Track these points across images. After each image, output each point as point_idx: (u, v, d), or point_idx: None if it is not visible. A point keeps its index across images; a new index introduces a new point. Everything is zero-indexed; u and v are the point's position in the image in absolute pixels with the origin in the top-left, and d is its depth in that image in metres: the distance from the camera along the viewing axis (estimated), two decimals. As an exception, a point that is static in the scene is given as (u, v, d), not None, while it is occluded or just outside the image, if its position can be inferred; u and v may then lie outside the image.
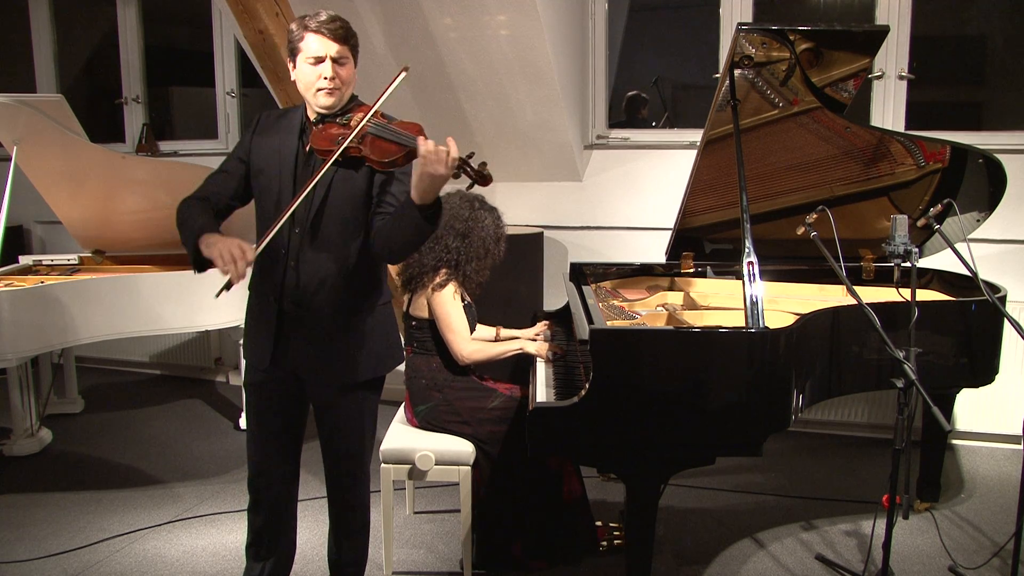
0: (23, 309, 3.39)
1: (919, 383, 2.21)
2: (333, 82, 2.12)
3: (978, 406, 3.90)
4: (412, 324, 2.91)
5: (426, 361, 2.88)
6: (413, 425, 2.92)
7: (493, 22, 3.73)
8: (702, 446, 2.31)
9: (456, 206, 2.90)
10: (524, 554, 2.83)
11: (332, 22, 2.10)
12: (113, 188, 3.87)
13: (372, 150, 2.08)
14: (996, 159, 3.08)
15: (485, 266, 2.92)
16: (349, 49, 2.14)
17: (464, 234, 2.86)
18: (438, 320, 2.82)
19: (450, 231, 2.85)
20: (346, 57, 2.14)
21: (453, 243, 2.85)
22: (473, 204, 2.93)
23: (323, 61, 2.11)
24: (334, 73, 2.11)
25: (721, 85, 2.80)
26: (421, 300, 2.86)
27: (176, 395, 4.97)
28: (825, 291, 3.32)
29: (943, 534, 3.06)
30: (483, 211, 2.94)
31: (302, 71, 2.14)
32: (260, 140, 2.26)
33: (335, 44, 2.10)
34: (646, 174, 4.41)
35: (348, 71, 2.15)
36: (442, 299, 2.80)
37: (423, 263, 2.84)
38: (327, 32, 2.09)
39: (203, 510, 3.40)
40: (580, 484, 2.88)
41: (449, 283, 2.82)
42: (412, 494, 3.36)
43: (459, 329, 2.81)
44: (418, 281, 2.86)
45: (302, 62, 2.13)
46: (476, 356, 2.82)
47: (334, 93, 2.14)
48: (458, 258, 2.84)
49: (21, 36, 5.76)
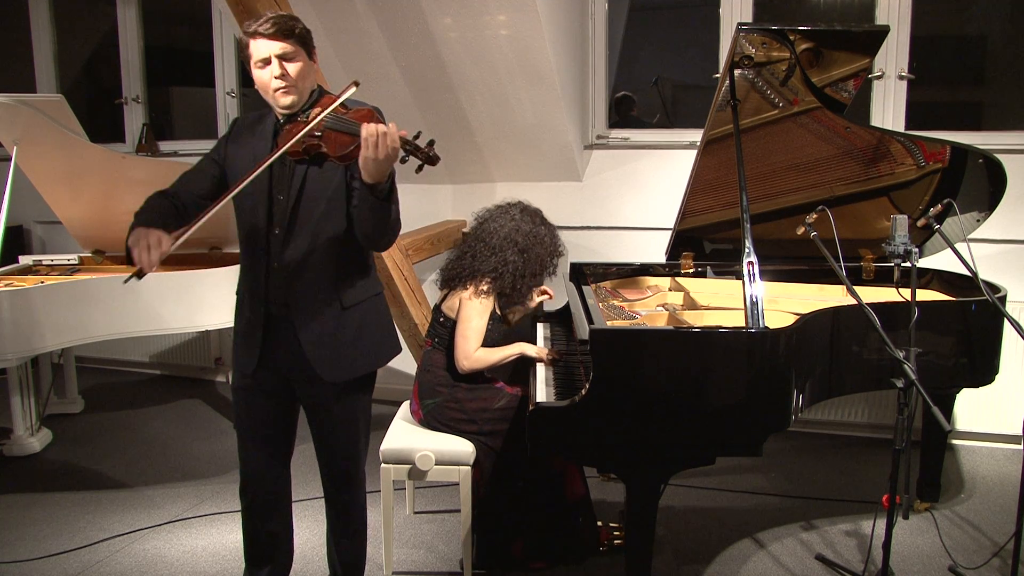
0: (23, 309, 3.39)
1: (919, 383, 2.21)
2: (285, 80, 2.10)
3: (978, 406, 3.90)
4: (440, 319, 2.91)
5: (443, 358, 2.89)
6: (417, 418, 2.92)
7: (493, 22, 3.73)
8: (702, 446, 2.31)
9: (518, 219, 2.90)
10: (524, 554, 2.83)
11: (267, 22, 2.09)
12: (113, 188, 3.87)
13: (329, 144, 2.06)
14: (996, 159, 3.08)
15: (538, 282, 2.93)
16: (295, 42, 2.11)
17: (524, 250, 2.86)
18: (459, 322, 2.83)
19: (510, 244, 2.85)
20: (293, 51, 2.11)
21: (512, 257, 2.84)
22: (535, 220, 2.94)
23: (270, 62, 2.10)
24: (283, 71, 2.10)
25: (721, 85, 2.80)
26: (455, 299, 2.86)
27: (176, 395, 4.97)
28: (825, 291, 3.32)
29: (943, 534, 3.06)
30: (543, 227, 2.95)
31: (256, 76, 2.14)
32: (235, 147, 2.26)
33: (277, 42, 2.09)
34: (646, 174, 4.40)
35: (300, 67, 2.13)
36: (474, 306, 2.81)
37: (475, 267, 2.84)
38: (265, 33, 2.08)
39: (203, 510, 3.40)
40: (584, 485, 2.88)
41: (490, 296, 2.83)
42: (412, 494, 3.36)
43: (473, 339, 2.81)
44: (463, 281, 2.85)
45: (254, 68, 2.13)
46: (476, 367, 2.83)
47: (290, 91, 2.12)
48: (515, 272, 2.83)
49: (21, 36, 5.76)
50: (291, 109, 2.15)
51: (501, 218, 2.92)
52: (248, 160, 2.19)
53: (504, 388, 2.89)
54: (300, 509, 3.32)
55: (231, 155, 2.25)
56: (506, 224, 2.90)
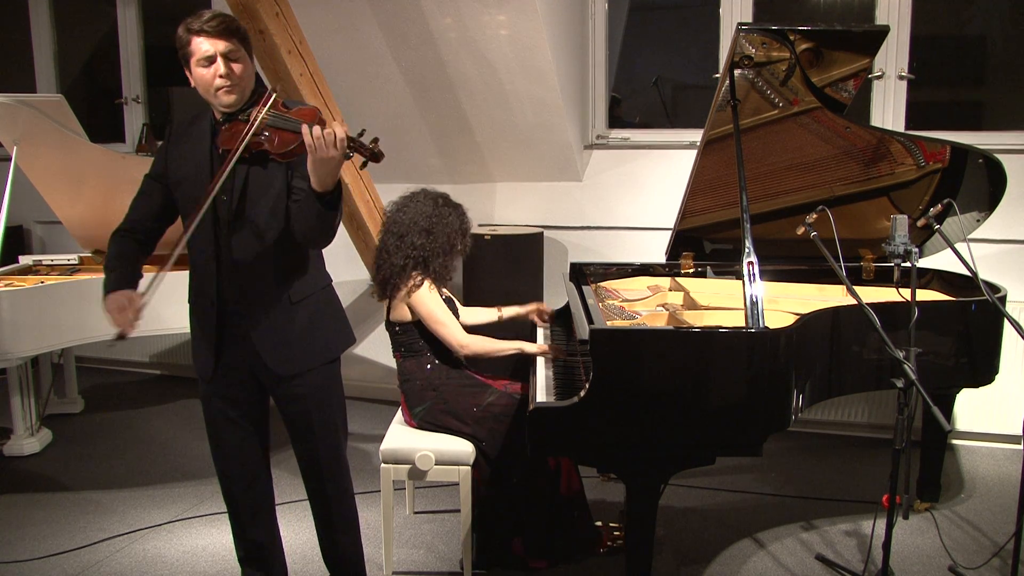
0: (23, 309, 3.39)
1: (919, 383, 2.21)
2: (229, 79, 2.09)
3: (978, 406, 3.90)
4: (396, 330, 2.91)
5: (417, 363, 2.89)
6: (412, 427, 2.92)
7: (493, 22, 3.73)
8: (702, 446, 2.32)
9: (420, 203, 2.90)
10: (525, 553, 2.83)
11: (213, 19, 2.08)
12: (113, 188, 3.86)
13: (272, 143, 2.06)
14: (996, 159, 3.08)
15: (452, 260, 2.93)
16: (238, 42, 2.11)
17: (428, 230, 2.85)
18: (424, 318, 2.83)
19: (415, 228, 2.85)
20: (237, 51, 2.11)
21: (418, 240, 2.84)
22: (437, 201, 2.92)
23: (214, 61, 2.09)
24: (228, 70, 2.09)
25: (721, 85, 2.80)
26: (400, 305, 2.86)
27: (176, 395, 4.97)
28: (825, 291, 3.32)
29: (943, 534, 3.06)
30: (447, 207, 2.93)
31: (197, 75, 2.12)
32: (174, 151, 2.25)
33: (221, 41, 2.08)
34: (646, 174, 4.40)
35: (242, 65, 2.12)
36: (421, 297, 2.81)
37: (392, 263, 2.84)
38: (210, 31, 2.07)
39: (203, 510, 3.40)
40: (579, 480, 2.88)
41: (424, 281, 2.83)
42: (412, 494, 3.36)
43: (447, 321, 2.83)
44: (392, 285, 2.85)
45: (195, 66, 2.11)
46: (474, 346, 2.84)
47: (233, 90, 2.12)
48: (425, 255, 2.83)
49: (21, 36, 5.76)
50: (232, 108, 2.14)
51: (405, 207, 2.92)
52: (189, 162, 2.20)
53: (493, 384, 2.89)
54: (297, 509, 3.32)
55: (172, 160, 2.25)
56: (409, 211, 2.89)
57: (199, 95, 2.15)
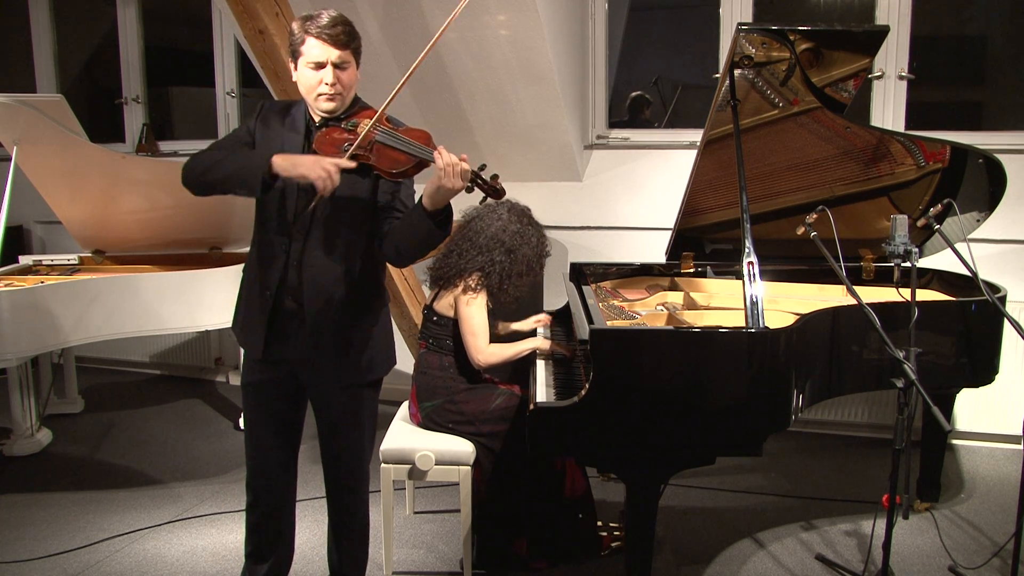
0: (23, 309, 3.39)
1: (919, 383, 2.21)
2: (335, 87, 2.10)
3: (978, 406, 3.90)
4: (433, 319, 2.90)
5: (439, 359, 2.88)
6: (416, 421, 2.91)
7: (493, 22, 3.73)
8: (702, 446, 2.32)
9: (505, 220, 2.88)
10: (527, 553, 2.83)
11: (334, 27, 2.07)
12: (113, 188, 3.86)
13: (380, 159, 2.06)
14: (996, 159, 3.08)
15: (523, 283, 2.91)
16: (351, 53, 2.12)
17: (511, 250, 2.84)
18: (462, 322, 2.82)
19: (496, 244, 2.83)
20: (348, 62, 2.11)
21: (498, 257, 2.82)
22: (523, 219, 2.92)
23: (324, 67, 2.08)
24: (335, 79, 2.09)
25: (721, 85, 2.80)
26: (448, 298, 2.85)
27: (176, 395, 4.97)
28: (825, 291, 3.32)
29: (943, 534, 3.06)
30: (531, 228, 2.92)
31: (303, 75, 2.12)
32: (265, 131, 2.22)
33: (336, 50, 2.08)
34: (646, 174, 4.41)
35: (350, 75, 2.13)
36: (469, 303, 2.80)
37: (463, 267, 2.82)
38: (328, 38, 2.06)
39: (203, 510, 3.40)
40: (585, 481, 2.88)
41: (482, 291, 2.82)
42: (412, 494, 3.36)
43: (481, 334, 2.80)
44: (452, 280, 2.84)
45: (303, 66, 2.11)
46: (492, 361, 2.82)
47: (335, 98, 2.12)
48: (501, 272, 2.82)
49: (21, 36, 5.76)
50: (331, 115, 2.15)
51: (488, 216, 2.90)
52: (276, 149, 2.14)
53: (500, 386, 2.89)
54: (301, 509, 3.30)
55: (260, 138, 2.22)
56: (493, 223, 2.87)
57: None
